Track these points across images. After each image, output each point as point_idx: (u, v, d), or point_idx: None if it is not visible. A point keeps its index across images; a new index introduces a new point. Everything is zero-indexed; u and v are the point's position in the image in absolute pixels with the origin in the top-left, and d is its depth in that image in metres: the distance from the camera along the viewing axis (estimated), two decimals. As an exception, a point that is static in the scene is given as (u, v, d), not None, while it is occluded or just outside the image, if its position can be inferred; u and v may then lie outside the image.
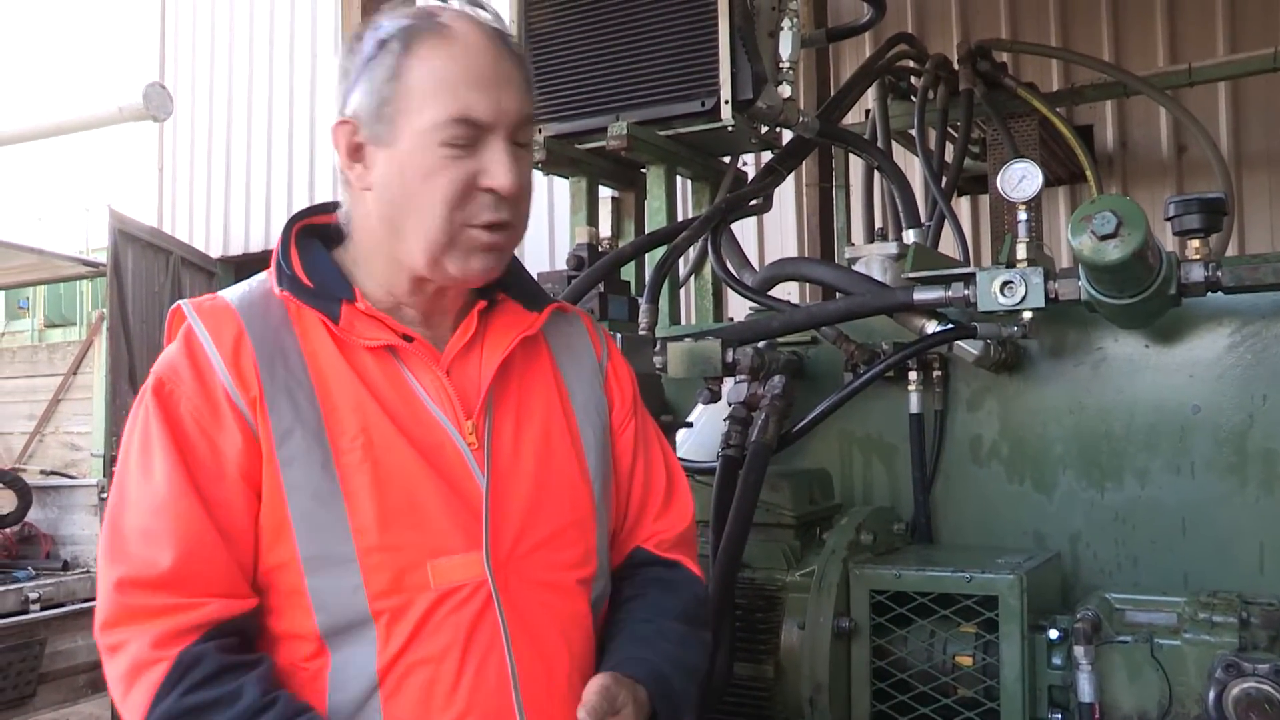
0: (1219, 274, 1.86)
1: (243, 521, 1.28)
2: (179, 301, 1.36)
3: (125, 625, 1.23)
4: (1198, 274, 1.87)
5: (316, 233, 1.43)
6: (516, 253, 1.57)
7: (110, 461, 6.06)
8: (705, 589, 1.60)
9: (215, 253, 8.74)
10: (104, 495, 5.96)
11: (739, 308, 3.04)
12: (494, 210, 1.33)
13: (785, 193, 5.63)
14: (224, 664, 1.22)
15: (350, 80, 1.35)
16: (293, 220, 1.44)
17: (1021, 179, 1.96)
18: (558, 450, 1.43)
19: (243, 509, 1.28)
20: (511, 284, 1.46)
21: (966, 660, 1.97)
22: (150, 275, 6.70)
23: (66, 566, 6.06)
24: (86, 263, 7.48)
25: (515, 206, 1.35)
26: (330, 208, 1.46)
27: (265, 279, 1.40)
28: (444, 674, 1.28)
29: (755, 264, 3.13)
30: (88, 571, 5.92)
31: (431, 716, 1.28)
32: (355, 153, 1.35)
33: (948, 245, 3.64)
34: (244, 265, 8.90)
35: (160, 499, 1.26)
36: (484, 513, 1.33)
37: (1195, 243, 1.93)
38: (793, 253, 5.75)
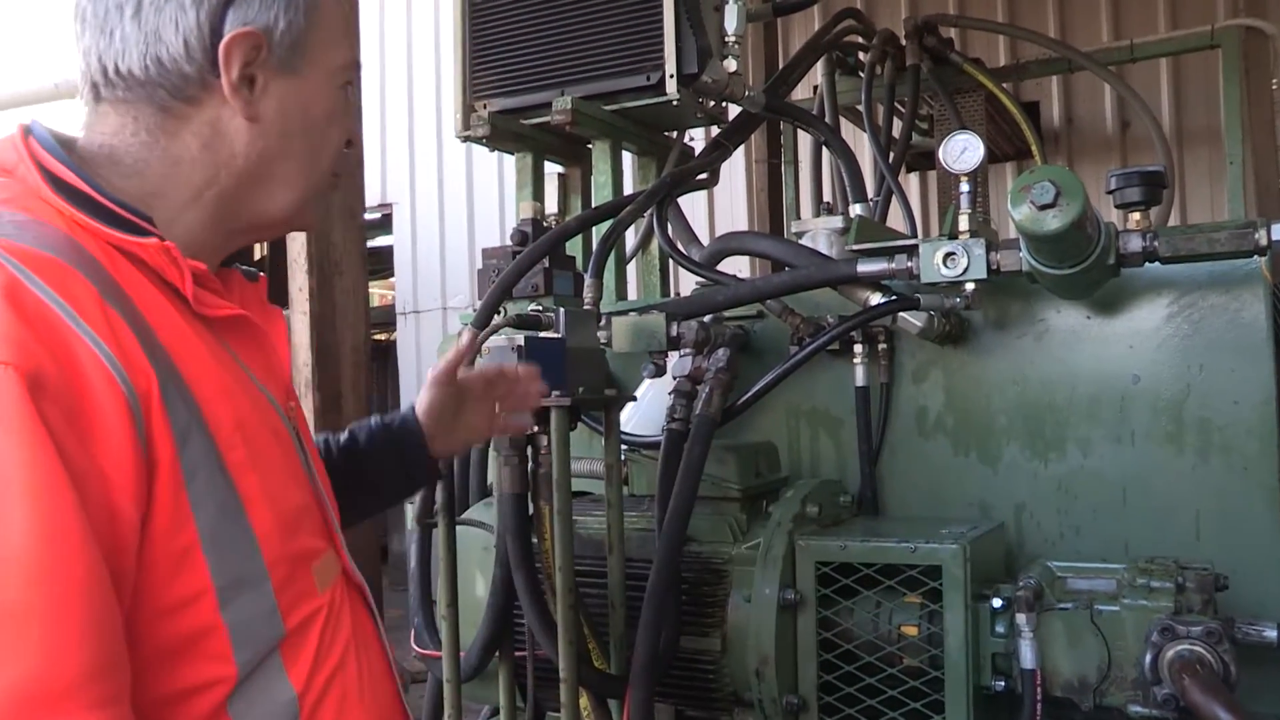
0: (1156, 244, 1.88)
1: (128, 570, 0.96)
2: None
3: None
4: (1135, 244, 1.89)
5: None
6: (470, 228, 1.55)
7: None
8: None
9: None
10: None
11: (687, 283, 3.03)
12: (347, 160, 1.28)
13: (735, 168, 5.64)
14: None
15: None
16: (41, 143, 1.09)
17: (963, 150, 1.96)
18: (310, 431, 1.34)
19: (130, 554, 0.96)
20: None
21: (911, 630, 1.98)
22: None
23: None
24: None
25: None
26: (64, 140, 1.12)
27: (31, 219, 1.02)
28: (349, 682, 1.17)
29: (705, 239, 3.12)
30: None
31: None
32: (244, 74, 1.13)
33: (896, 220, 3.66)
34: None
35: (47, 559, 0.88)
36: (324, 501, 1.23)
37: (1136, 215, 1.96)
38: (743, 227, 5.76)
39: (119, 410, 0.94)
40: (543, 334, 1.95)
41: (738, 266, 3.86)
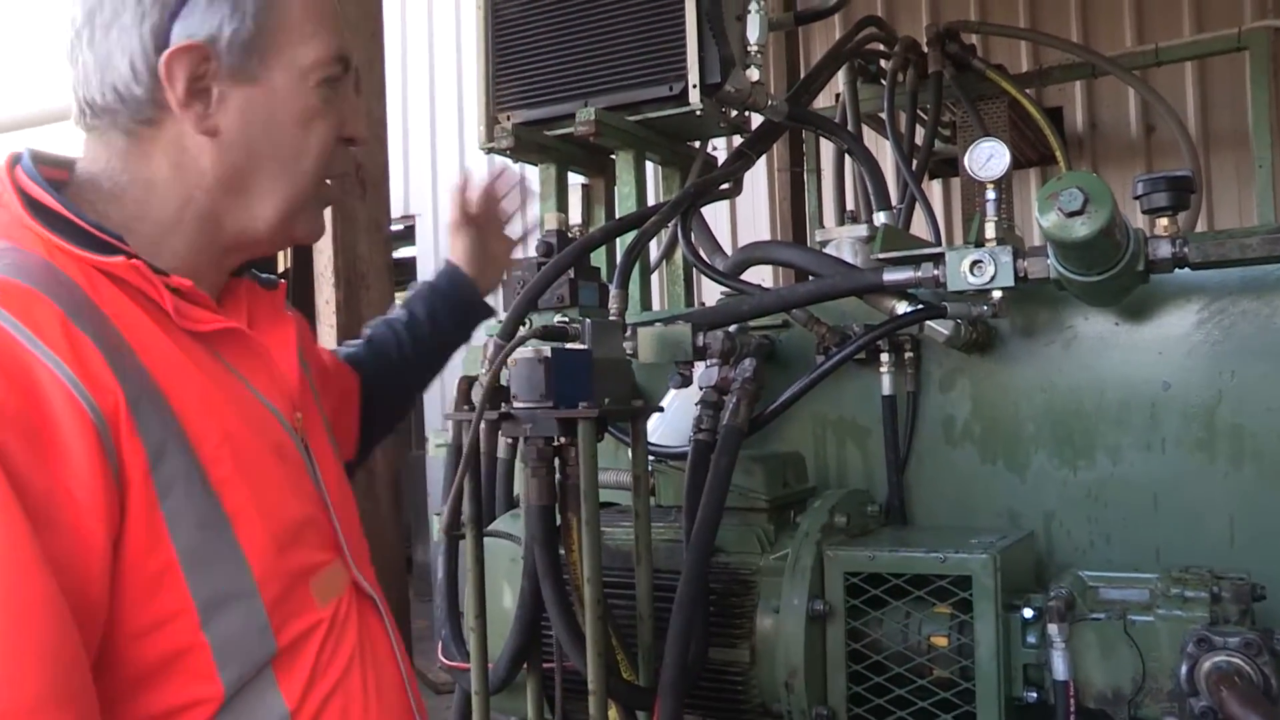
0: (1186, 250, 1.86)
1: (100, 595, 0.95)
2: None
3: None
4: (1165, 250, 1.87)
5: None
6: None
7: None
8: None
9: None
10: None
11: (711, 293, 3.03)
12: (348, 161, 1.22)
13: (757, 177, 5.63)
14: None
15: None
16: (26, 170, 1.09)
17: (989, 158, 1.95)
18: (330, 441, 1.31)
19: (101, 579, 0.96)
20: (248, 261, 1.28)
21: (941, 641, 1.96)
22: None
23: None
24: None
25: None
26: (54, 161, 1.15)
27: (10, 246, 1.04)
28: (352, 697, 1.15)
29: (728, 248, 3.12)
30: None
31: None
32: (195, 87, 1.10)
33: (919, 228, 3.64)
34: None
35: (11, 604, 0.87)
36: (331, 513, 1.21)
37: (1164, 221, 1.93)
38: (765, 237, 5.75)
39: (84, 431, 0.93)
40: (569, 345, 1.95)
41: (760, 276, 3.86)
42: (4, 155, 1.12)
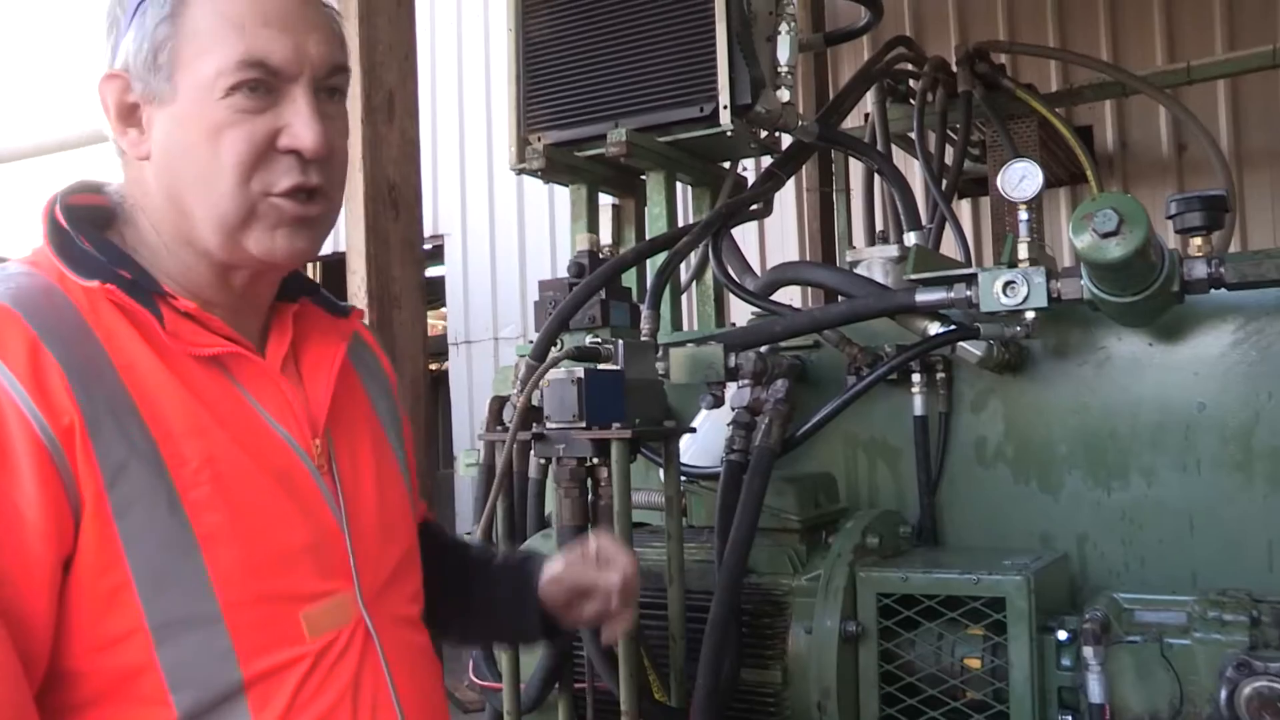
0: (1222, 270, 1.85)
1: (44, 609, 0.98)
2: None
3: None
4: (1200, 271, 1.86)
5: (77, 215, 1.14)
6: (521, 260, 1.48)
7: None
8: None
9: None
10: None
11: (741, 313, 3.03)
12: (300, 174, 1.12)
13: (786, 197, 5.63)
14: None
15: (120, 28, 1.11)
16: (58, 198, 1.14)
17: (1022, 179, 1.95)
18: (385, 472, 1.28)
19: (46, 593, 0.97)
20: (314, 286, 1.28)
21: (975, 663, 1.95)
22: None
23: None
24: None
25: (327, 171, 1.14)
26: (92, 187, 1.19)
27: (28, 271, 1.08)
28: None
29: (757, 269, 3.13)
30: None
31: None
32: (128, 114, 1.12)
33: (949, 248, 3.63)
34: None
35: None
36: (348, 545, 1.17)
37: (1197, 240, 1.93)
38: (794, 257, 5.74)
39: (34, 451, 0.96)
40: (601, 366, 1.96)
41: (789, 296, 3.87)
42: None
